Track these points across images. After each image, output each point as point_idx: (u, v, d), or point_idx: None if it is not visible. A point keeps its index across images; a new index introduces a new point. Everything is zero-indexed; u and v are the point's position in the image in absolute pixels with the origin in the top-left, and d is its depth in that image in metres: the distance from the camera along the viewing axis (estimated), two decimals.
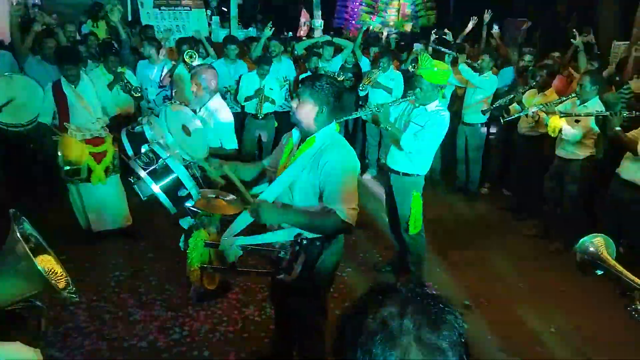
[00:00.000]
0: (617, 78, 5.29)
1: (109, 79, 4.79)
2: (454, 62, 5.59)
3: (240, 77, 5.62)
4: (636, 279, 1.19)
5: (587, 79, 4.19)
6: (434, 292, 0.83)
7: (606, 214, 4.11)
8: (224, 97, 4.47)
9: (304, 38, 8.59)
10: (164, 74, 5.40)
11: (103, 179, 4.10)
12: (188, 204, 2.07)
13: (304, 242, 2.03)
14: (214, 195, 2.13)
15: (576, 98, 4.24)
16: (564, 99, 4.36)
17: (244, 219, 2.08)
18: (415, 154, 3.51)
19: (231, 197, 2.18)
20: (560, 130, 4.21)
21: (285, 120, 5.16)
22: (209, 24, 8.02)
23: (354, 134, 6.67)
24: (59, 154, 3.81)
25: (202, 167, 2.24)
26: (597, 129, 4.08)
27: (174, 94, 5.46)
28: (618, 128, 3.73)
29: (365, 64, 6.36)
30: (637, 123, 3.92)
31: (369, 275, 4.04)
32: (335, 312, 3.43)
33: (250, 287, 3.65)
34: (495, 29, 6.49)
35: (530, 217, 5.13)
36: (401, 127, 3.58)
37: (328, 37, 6.80)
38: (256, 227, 2.35)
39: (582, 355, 3.14)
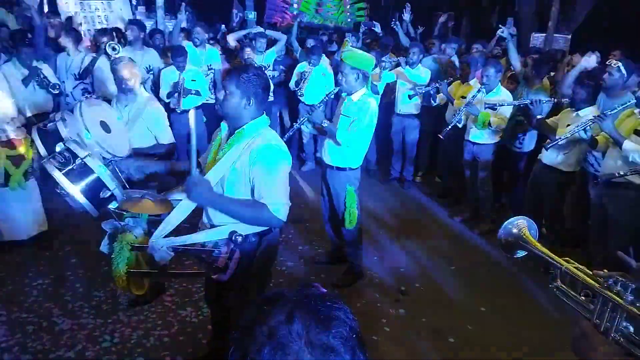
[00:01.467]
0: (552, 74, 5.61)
1: (24, 74, 4.42)
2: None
3: (150, 67, 5.40)
4: (556, 258, 1.25)
5: (491, 68, 4.43)
6: (321, 291, 0.83)
7: (529, 197, 4.38)
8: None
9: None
10: (83, 66, 5.08)
11: (23, 183, 3.77)
12: (111, 206, 1.94)
13: (239, 239, 1.98)
14: (139, 195, 2.02)
15: (483, 88, 4.46)
16: (476, 92, 4.54)
17: (173, 219, 1.99)
18: (346, 147, 3.51)
19: (159, 196, 2.08)
20: (489, 123, 4.44)
21: (213, 113, 5.00)
22: (134, 14, 7.62)
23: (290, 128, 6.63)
24: None
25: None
26: (508, 116, 4.36)
27: (95, 88, 5.18)
28: (540, 116, 3.98)
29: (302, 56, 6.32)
30: (557, 111, 4.22)
31: (309, 268, 4.05)
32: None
33: (186, 288, 3.54)
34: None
35: (460, 202, 5.38)
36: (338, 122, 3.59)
37: (260, 29, 6.69)
38: (189, 226, 2.28)
39: (511, 332, 3.32)
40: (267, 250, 2.21)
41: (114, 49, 4.73)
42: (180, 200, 2.04)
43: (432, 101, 5.13)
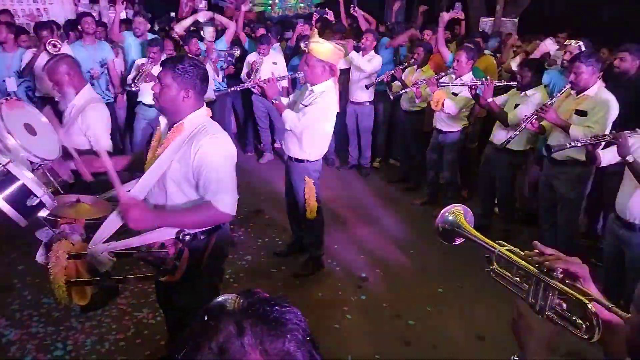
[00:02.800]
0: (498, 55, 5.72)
1: None
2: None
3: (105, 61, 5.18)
4: (490, 242, 1.27)
5: (463, 54, 4.47)
6: (266, 295, 0.78)
7: (482, 178, 4.48)
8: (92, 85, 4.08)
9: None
10: (23, 63, 4.80)
11: None
12: (42, 214, 1.83)
13: (187, 238, 1.92)
14: (74, 199, 1.92)
15: (453, 73, 4.51)
16: (443, 74, 4.62)
17: (113, 222, 1.90)
18: (302, 139, 3.46)
19: (94, 198, 1.99)
20: (442, 104, 4.48)
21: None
22: (76, 6, 7.26)
23: (245, 120, 6.53)
24: None
25: None
26: (473, 101, 4.42)
27: (37, 86, 4.92)
28: (490, 99, 4.06)
29: (250, 46, 6.21)
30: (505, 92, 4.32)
31: (269, 260, 4.02)
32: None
33: (141, 289, 3.44)
34: None
35: (417, 187, 5.46)
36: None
37: (210, 14, 6.48)
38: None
39: (467, 312, 3.42)
40: (217, 247, 2.16)
41: (54, 45, 4.48)
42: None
43: (389, 92, 5.06)
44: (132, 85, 4.98)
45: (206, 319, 0.73)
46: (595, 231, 4.28)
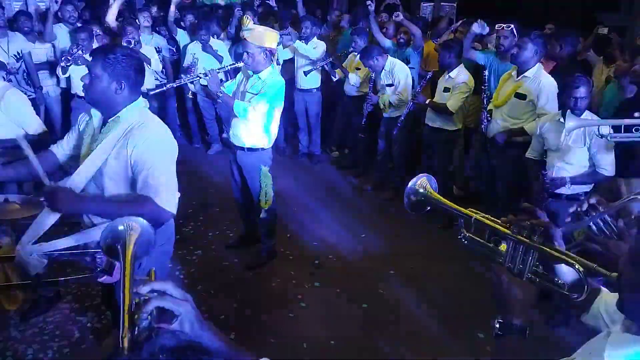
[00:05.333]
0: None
1: None
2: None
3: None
4: (460, 208, 1.28)
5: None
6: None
7: (423, 157, 4.63)
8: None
9: None
10: None
11: None
12: None
13: None
14: (1, 199, 1.79)
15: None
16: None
17: (43, 222, 1.78)
18: (256, 127, 3.40)
19: (24, 197, 1.86)
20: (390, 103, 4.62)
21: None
22: None
23: (190, 111, 6.34)
24: None
25: None
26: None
27: None
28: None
29: (182, 36, 6.00)
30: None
31: (221, 253, 3.95)
32: None
33: (85, 292, 3.28)
34: None
35: (365, 172, 5.53)
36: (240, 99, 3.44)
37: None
38: (67, 228, 2.08)
39: (418, 290, 3.49)
40: (159, 244, 2.07)
41: None
42: None
43: (332, 77, 5.12)
44: (61, 69, 4.65)
45: None
46: None
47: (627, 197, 1.47)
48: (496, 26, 4.21)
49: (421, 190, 1.37)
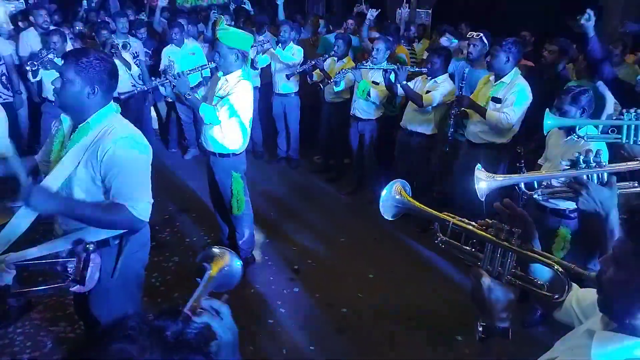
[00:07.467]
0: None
1: None
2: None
3: None
4: (435, 212, 1.28)
5: (381, 43, 4.54)
6: (157, 322, 0.73)
7: (397, 163, 4.64)
8: None
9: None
10: None
11: None
12: None
13: (90, 247, 1.77)
14: None
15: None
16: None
17: (12, 231, 1.72)
18: (224, 132, 3.35)
19: None
20: (368, 93, 4.57)
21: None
22: None
23: (167, 115, 6.26)
24: None
25: None
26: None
27: None
28: (405, 82, 4.18)
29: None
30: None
31: None
32: (163, 305, 3.26)
33: (57, 301, 3.19)
34: None
35: (344, 176, 5.53)
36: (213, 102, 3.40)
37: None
38: (39, 236, 2.02)
39: (397, 294, 3.51)
40: (133, 251, 2.03)
41: None
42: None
43: (309, 79, 5.14)
44: (30, 73, 4.49)
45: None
46: None
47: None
48: (467, 34, 4.29)
49: (397, 197, 1.37)
